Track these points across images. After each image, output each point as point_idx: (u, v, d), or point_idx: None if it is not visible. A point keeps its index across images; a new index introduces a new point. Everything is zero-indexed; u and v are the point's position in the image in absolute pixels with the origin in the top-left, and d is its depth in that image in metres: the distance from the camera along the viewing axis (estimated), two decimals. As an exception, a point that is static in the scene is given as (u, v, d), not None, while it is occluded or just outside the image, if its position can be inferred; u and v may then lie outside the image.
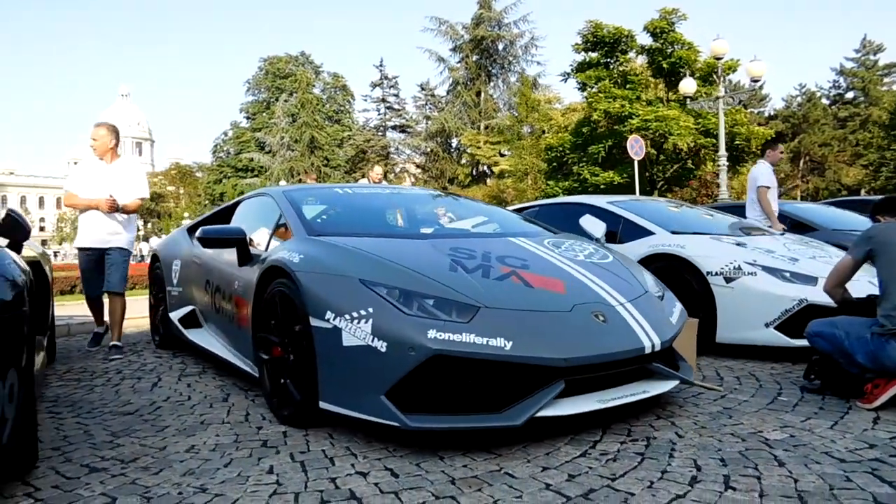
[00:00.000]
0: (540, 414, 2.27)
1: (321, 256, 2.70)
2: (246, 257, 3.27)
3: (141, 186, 4.59)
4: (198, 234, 3.24)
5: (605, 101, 17.72)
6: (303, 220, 3.17)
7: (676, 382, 2.68)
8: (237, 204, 4.34)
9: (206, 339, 3.91)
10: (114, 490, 2.07)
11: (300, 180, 39.21)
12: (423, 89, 39.50)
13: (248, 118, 46.39)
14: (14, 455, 2.00)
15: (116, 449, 2.49)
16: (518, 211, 5.43)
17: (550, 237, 3.41)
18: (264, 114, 45.05)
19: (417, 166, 38.88)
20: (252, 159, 42.39)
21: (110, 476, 2.19)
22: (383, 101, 40.66)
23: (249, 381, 3.55)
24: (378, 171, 8.29)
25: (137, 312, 7.02)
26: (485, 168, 35.50)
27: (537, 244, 3.12)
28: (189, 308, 4.24)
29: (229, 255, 3.48)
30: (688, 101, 14.92)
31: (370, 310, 2.32)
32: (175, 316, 4.37)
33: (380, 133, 40.93)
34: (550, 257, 2.95)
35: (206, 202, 48.26)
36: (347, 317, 2.35)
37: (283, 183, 33.14)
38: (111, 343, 4.54)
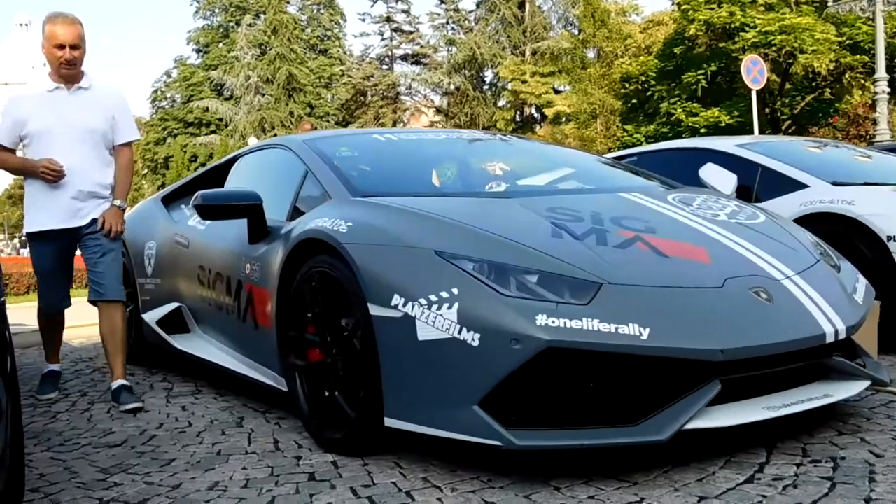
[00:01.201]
0: (690, 426, 2.34)
1: (378, 223, 2.80)
2: (261, 231, 3.39)
3: (128, 125, 4.00)
4: (195, 200, 3.37)
5: (705, 7, 17.57)
6: (342, 176, 3.28)
7: (867, 384, 2.73)
8: (231, 162, 4.47)
9: (202, 346, 4.06)
10: (129, 537, 2.21)
11: (274, 134, 39.52)
12: (443, 2, 39.41)
13: (198, 52, 46.82)
14: (4, 495, 2.14)
15: (115, 489, 2.63)
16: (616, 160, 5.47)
17: (675, 192, 3.47)
18: (221, 45, 45.42)
19: (438, 111, 38.88)
20: (207, 109, 42.77)
21: (118, 522, 2.33)
22: (388, 20, 40.67)
23: (267, 399, 3.69)
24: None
25: (84, 318, 7.25)
26: (533, 110, 35.38)
27: (660, 201, 3.18)
28: (172, 306, 4.40)
29: (234, 230, 3.61)
30: (828, 1, 14.72)
31: (454, 291, 2.42)
32: (151, 318, 4.54)
33: (384, 66, 41.02)
34: (682, 217, 3.01)
35: (146, 171, 48.94)
36: (423, 301, 2.45)
37: (252, 141, 33.37)
38: (115, 385, 3.87)
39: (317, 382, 2.94)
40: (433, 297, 2.44)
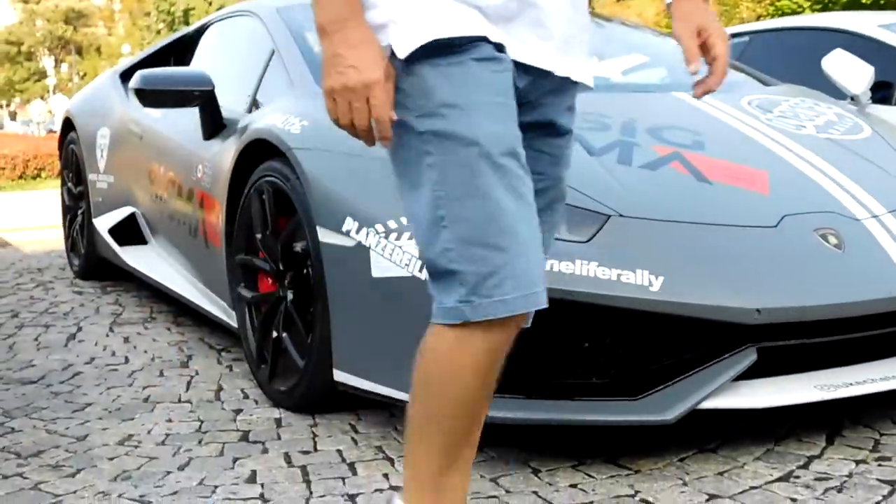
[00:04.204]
0: (708, 405, 2.37)
1: (338, 123, 2.83)
2: (215, 124, 3.47)
3: None
4: (133, 82, 3.46)
5: None
6: (310, 58, 3.31)
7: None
8: (202, 30, 4.53)
9: (154, 263, 4.23)
10: (5, 500, 2.37)
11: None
12: None
13: None
14: None
15: (9, 436, 2.80)
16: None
17: (756, 92, 3.39)
18: None
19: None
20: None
21: (1, 477, 2.50)
22: None
23: (227, 334, 3.83)
24: None
25: (42, 219, 7.57)
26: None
27: (728, 104, 3.13)
28: (126, 211, 4.57)
29: (188, 120, 3.70)
30: None
31: (418, 217, 2.45)
32: (103, 224, 4.72)
33: None
34: (749, 128, 2.97)
35: (161, 27, 49.73)
36: (380, 228, 2.50)
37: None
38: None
39: (266, 319, 3.04)
40: (392, 224, 2.48)
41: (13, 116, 51.31)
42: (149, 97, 3.45)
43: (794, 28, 5.50)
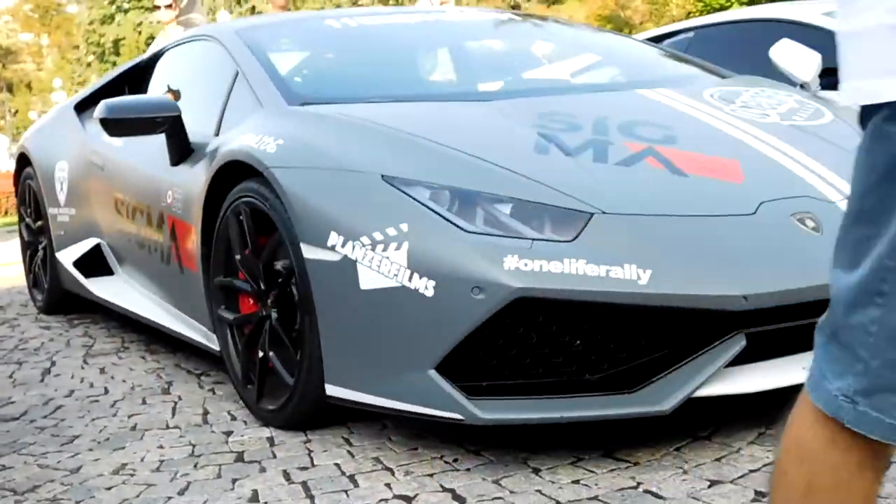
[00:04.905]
0: (702, 393, 2.41)
1: (314, 139, 2.85)
2: (183, 149, 3.46)
3: None
4: (97, 112, 3.44)
5: None
6: (276, 78, 3.33)
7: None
8: (157, 58, 4.52)
9: (125, 293, 4.19)
10: (9, 534, 2.35)
11: (253, 9, 39.25)
12: None
13: None
14: None
15: (2, 473, 2.78)
16: (657, 40, 5.44)
17: (715, 84, 3.46)
18: None
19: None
20: (166, -26, 42.58)
21: (0, 513, 2.48)
22: None
23: (206, 360, 3.82)
24: None
25: (7, 257, 7.48)
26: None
27: (691, 98, 3.18)
28: (91, 243, 4.53)
29: (154, 148, 3.68)
30: None
31: (403, 227, 2.47)
32: (66, 258, 4.68)
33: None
34: (716, 120, 3.02)
35: (90, 59, 49.10)
36: (365, 240, 2.51)
37: (223, 16, 33.10)
38: None
39: (250, 340, 3.04)
40: (378, 236, 2.50)
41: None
42: (114, 126, 3.44)
43: (738, 21, 5.59)
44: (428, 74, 3.82)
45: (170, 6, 7.82)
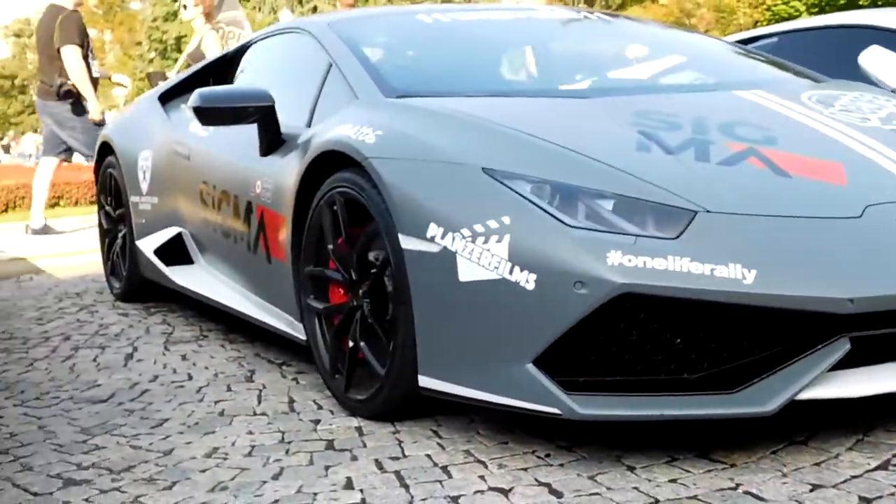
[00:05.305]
0: (805, 396, 2.38)
1: (413, 131, 2.86)
2: (274, 140, 3.49)
3: None
4: (191, 101, 3.48)
5: None
6: (372, 70, 3.35)
7: None
8: (242, 51, 4.57)
9: (206, 281, 4.25)
10: (110, 513, 2.39)
11: (315, 9, 39.47)
12: None
13: None
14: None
15: (96, 452, 2.82)
16: (742, 44, 5.41)
17: (812, 88, 3.42)
18: None
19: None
20: (229, -27, 43.07)
21: (99, 492, 2.51)
22: None
23: (286, 349, 3.85)
24: None
25: (69, 245, 7.60)
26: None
27: (790, 101, 3.15)
28: (171, 232, 4.59)
29: (243, 138, 3.72)
30: None
31: (505, 220, 2.47)
32: (147, 246, 4.75)
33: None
34: (816, 122, 2.99)
35: (152, 55, 49.75)
36: (466, 232, 2.52)
37: (285, 15, 33.22)
38: None
39: (340, 330, 3.06)
40: (479, 228, 2.50)
41: (7, 149, 51.30)
42: (207, 115, 3.48)
43: (821, 27, 5.54)
44: (519, 70, 3.83)
45: (197, 5, 8.01)
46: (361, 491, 2.40)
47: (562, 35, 4.14)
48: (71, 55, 7.48)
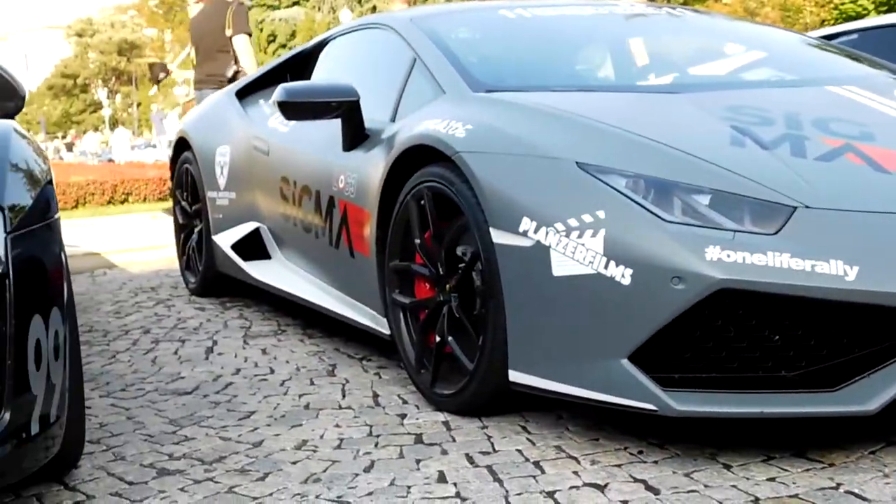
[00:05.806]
0: (905, 396, 2.35)
1: (504, 126, 2.86)
2: (358, 134, 3.51)
3: None
4: (277, 95, 3.52)
5: None
6: (458, 65, 3.36)
7: None
8: (321, 46, 4.60)
9: (285, 276, 4.28)
10: (205, 503, 2.42)
11: (374, 8, 39.62)
12: None
13: None
14: (64, 444, 2.38)
15: (186, 443, 2.86)
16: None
17: (902, 84, 3.37)
18: None
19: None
20: (289, -26, 43.39)
21: (193, 482, 2.55)
22: None
23: (366, 343, 3.88)
24: None
25: (140, 241, 7.72)
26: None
27: (884, 97, 3.11)
28: (249, 227, 4.63)
29: (324, 133, 3.75)
30: None
31: (600, 214, 2.47)
32: (224, 241, 4.80)
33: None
34: (912, 119, 2.94)
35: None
36: (560, 227, 2.51)
37: (345, 15, 33.57)
38: None
39: (426, 325, 3.07)
40: (573, 222, 2.50)
41: (70, 147, 52.23)
42: (291, 109, 3.51)
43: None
44: (604, 65, 3.82)
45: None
46: (455, 485, 2.41)
47: (645, 30, 4.11)
48: (245, 44, 7.60)
